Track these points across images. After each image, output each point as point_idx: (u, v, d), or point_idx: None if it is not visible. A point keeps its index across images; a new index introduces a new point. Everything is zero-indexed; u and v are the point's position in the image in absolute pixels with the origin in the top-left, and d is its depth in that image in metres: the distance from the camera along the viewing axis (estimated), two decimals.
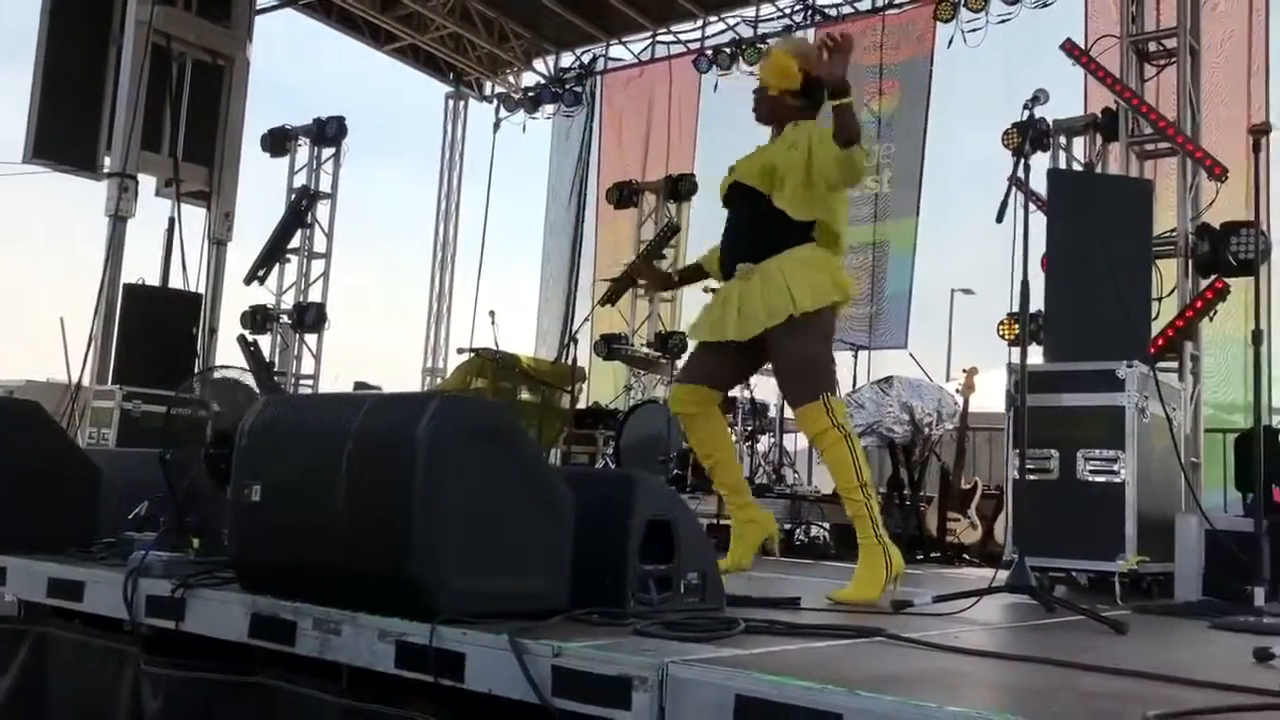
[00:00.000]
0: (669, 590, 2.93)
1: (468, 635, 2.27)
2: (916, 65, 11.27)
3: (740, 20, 12.67)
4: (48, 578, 3.17)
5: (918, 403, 7.15)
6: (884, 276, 11.00)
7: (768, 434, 8.45)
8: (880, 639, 2.66)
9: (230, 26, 10.62)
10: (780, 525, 7.05)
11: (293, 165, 11.47)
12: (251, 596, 2.67)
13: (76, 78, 10.03)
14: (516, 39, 14.04)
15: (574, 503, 2.72)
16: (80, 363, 8.99)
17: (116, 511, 3.86)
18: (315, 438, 2.62)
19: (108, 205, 9.63)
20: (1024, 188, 3.88)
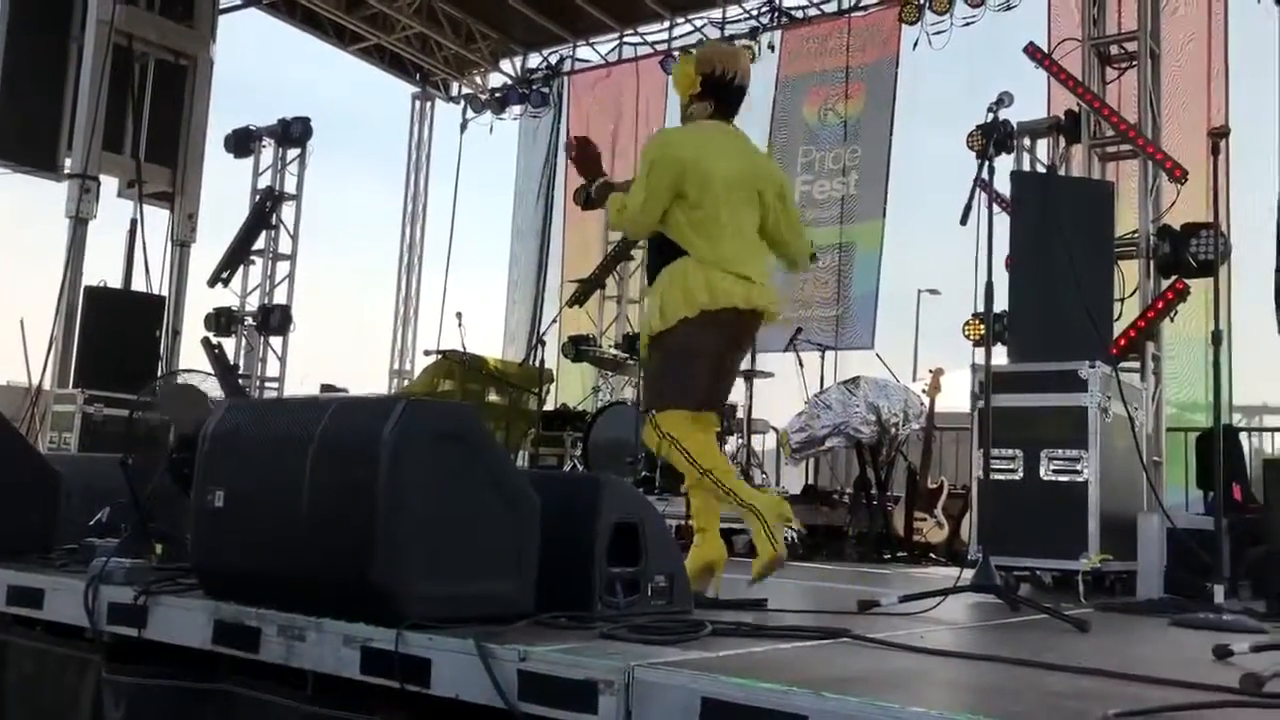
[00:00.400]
0: (636, 593, 2.93)
1: (434, 640, 2.26)
2: (882, 67, 11.33)
3: (706, 21, 12.68)
4: (6, 585, 3.12)
5: (884, 403, 7.20)
6: (850, 278, 11.05)
7: (735, 435, 8.46)
8: (846, 640, 2.67)
9: (193, 26, 10.53)
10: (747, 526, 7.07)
11: (257, 166, 11.37)
12: (215, 603, 2.64)
13: (36, 77, 9.89)
14: (483, 39, 13.99)
15: (540, 506, 2.71)
16: (41, 366, 8.88)
17: (78, 517, 3.81)
18: (279, 442, 2.60)
19: (68, 206, 9.51)
20: (988, 189, 3.91)
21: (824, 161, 11.50)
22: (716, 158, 3.73)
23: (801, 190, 11.48)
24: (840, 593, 4.57)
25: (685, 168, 3.65)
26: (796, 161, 11.60)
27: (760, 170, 3.88)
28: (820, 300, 11.06)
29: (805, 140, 11.69)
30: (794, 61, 12.02)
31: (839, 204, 11.24)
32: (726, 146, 3.83)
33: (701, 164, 3.68)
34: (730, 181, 3.71)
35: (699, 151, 3.72)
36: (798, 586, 4.92)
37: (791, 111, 11.85)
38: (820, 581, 5.26)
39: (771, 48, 12.07)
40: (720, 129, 3.86)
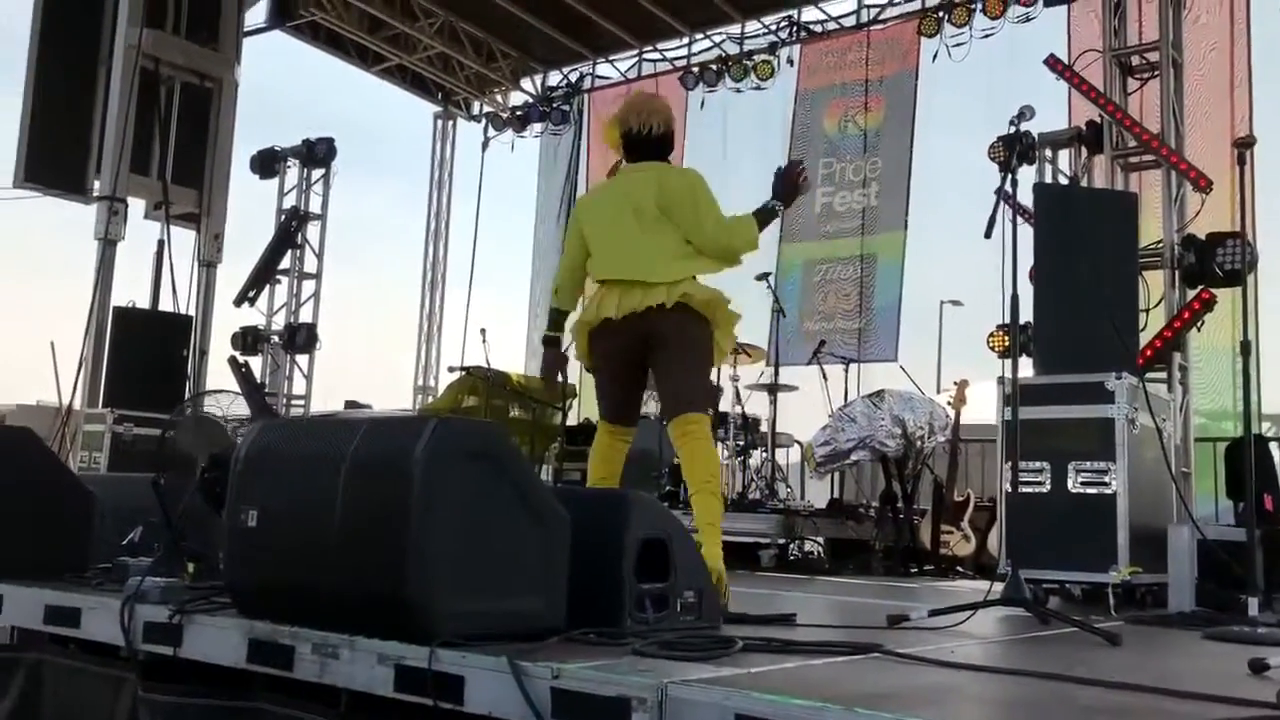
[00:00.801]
0: (665, 609, 2.94)
1: (466, 658, 2.27)
2: (901, 80, 11.35)
3: (725, 37, 12.73)
4: (44, 604, 3.16)
5: (909, 416, 7.18)
6: (872, 289, 11.04)
7: (759, 449, 8.47)
8: (877, 655, 2.67)
9: (218, 49, 10.65)
10: (773, 540, 7.07)
11: (282, 186, 11.47)
12: (249, 621, 2.67)
13: (66, 102, 10.03)
14: (504, 58, 14.08)
15: (570, 522, 2.73)
16: (71, 386, 8.97)
17: (110, 537, 3.85)
18: (312, 461, 2.63)
19: (97, 228, 9.62)
20: (1011, 201, 3.92)
21: (845, 173, 11.51)
22: (600, 200, 4.31)
23: (823, 202, 11.50)
24: (869, 607, 4.55)
25: (579, 222, 4.28)
26: (818, 174, 11.61)
27: (633, 188, 4.13)
28: (843, 313, 11.05)
29: (826, 153, 11.71)
30: (813, 75, 12.05)
31: (860, 215, 11.24)
32: (613, 184, 4.32)
33: (589, 211, 4.30)
34: (603, 210, 4.20)
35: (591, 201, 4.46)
36: (826, 601, 4.92)
37: (811, 124, 11.88)
38: (848, 596, 5.25)
39: (791, 62, 12.12)
40: (625, 171, 4.27)
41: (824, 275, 11.40)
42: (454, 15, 13.24)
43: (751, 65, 12.25)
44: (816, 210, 11.62)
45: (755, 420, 8.54)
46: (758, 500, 7.96)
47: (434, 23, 13.19)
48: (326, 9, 12.49)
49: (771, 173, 4.52)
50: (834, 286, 11.05)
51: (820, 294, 11.14)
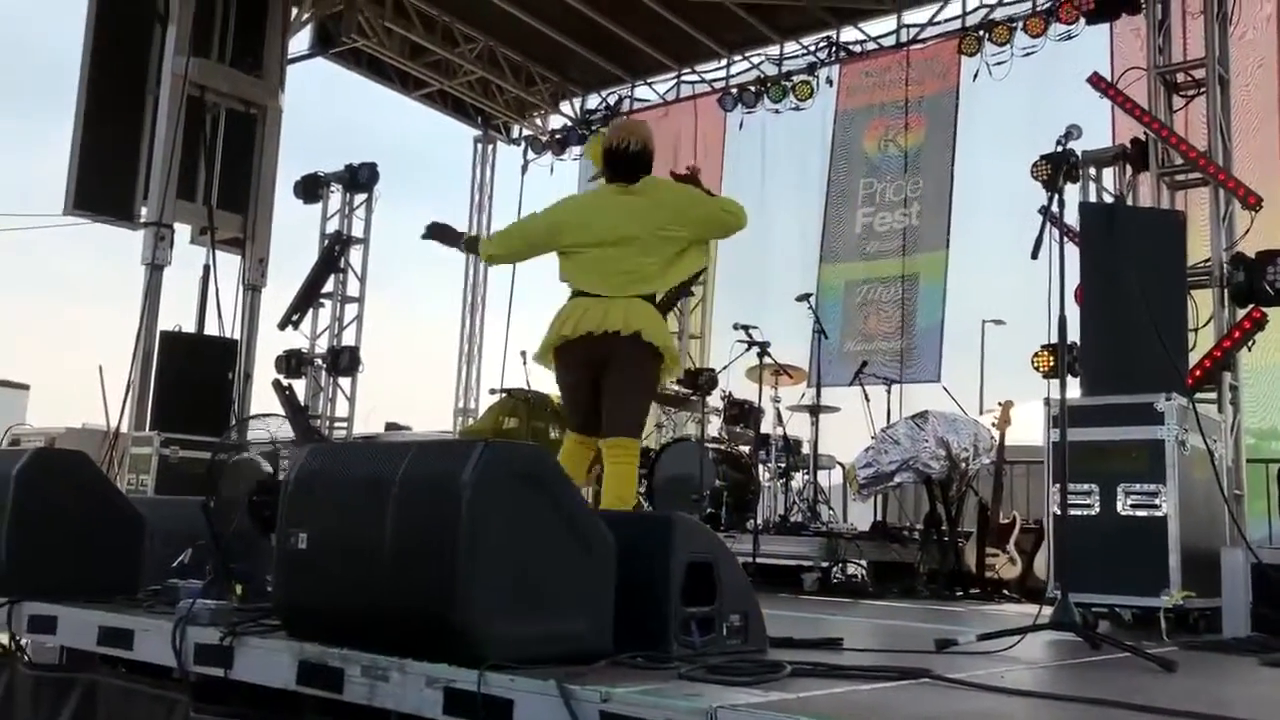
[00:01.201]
0: (711, 632, 2.92)
1: (515, 681, 2.28)
2: (942, 99, 11.32)
3: (764, 58, 12.77)
4: (98, 626, 3.20)
5: (953, 437, 7.11)
6: (914, 309, 10.98)
7: (801, 471, 8.42)
8: (926, 680, 2.64)
9: (262, 76, 10.81)
10: (816, 563, 7.02)
11: (325, 211, 11.61)
12: (299, 643, 2.69)
13: (114, 130, 10.22)
14: (543, 82, 14.20)
15: (615, 545, 2.73)
16: (119, 410, 9.10)
17: (160, 559, 3.90)
18: (360, 485, 2.65)
19: (144, 254, 9.78)
20: (1057, 222, 3.89)
21: (885, 193, 11.49)
22: (594, 214, 4.61)
23: (863, 223, 11.48)
24: (915, 631, 4.51)
25: (564, 224, 4.62)
26: (858, 194, 11.60)
27: (630, 214, 4.50)
28: (884, 333, 11.00)
29: (866, 173, 11.69)
30: (852, 95, 12.05)
31: (901, 235, 11.20)
32: (607, 202, 4.63)
33: (580, 216, 4.64)
34: (594, 226, 4.52)
35: (583, 209, 4.78)
36: (871, 625, 4.87)
37: (851, 144, 11.87)
38: (893, 620, 5.20)
39: (830, 82, 12.13)
40: (615, 191, 4.60)
41: (865, 296, 11.36)
42: (493, 40, 13.38)
43: (790, 86, 12.26)
44: (857, 231, 11.59)
45: (797, 442, 8.50)
46: (800, 523, 7.92)
47: (474, 48, 13.33)
48: (368, 36, 12.66)
49: (809, 192, 4.68)
50: (875, 307, 11.00)
51: (862, 315, 11.10)
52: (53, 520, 3.60)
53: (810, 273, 11.75)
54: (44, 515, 3.59)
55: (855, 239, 11.59)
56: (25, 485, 3.56)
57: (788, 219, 12.12)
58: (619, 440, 4.35)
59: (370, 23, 12.57)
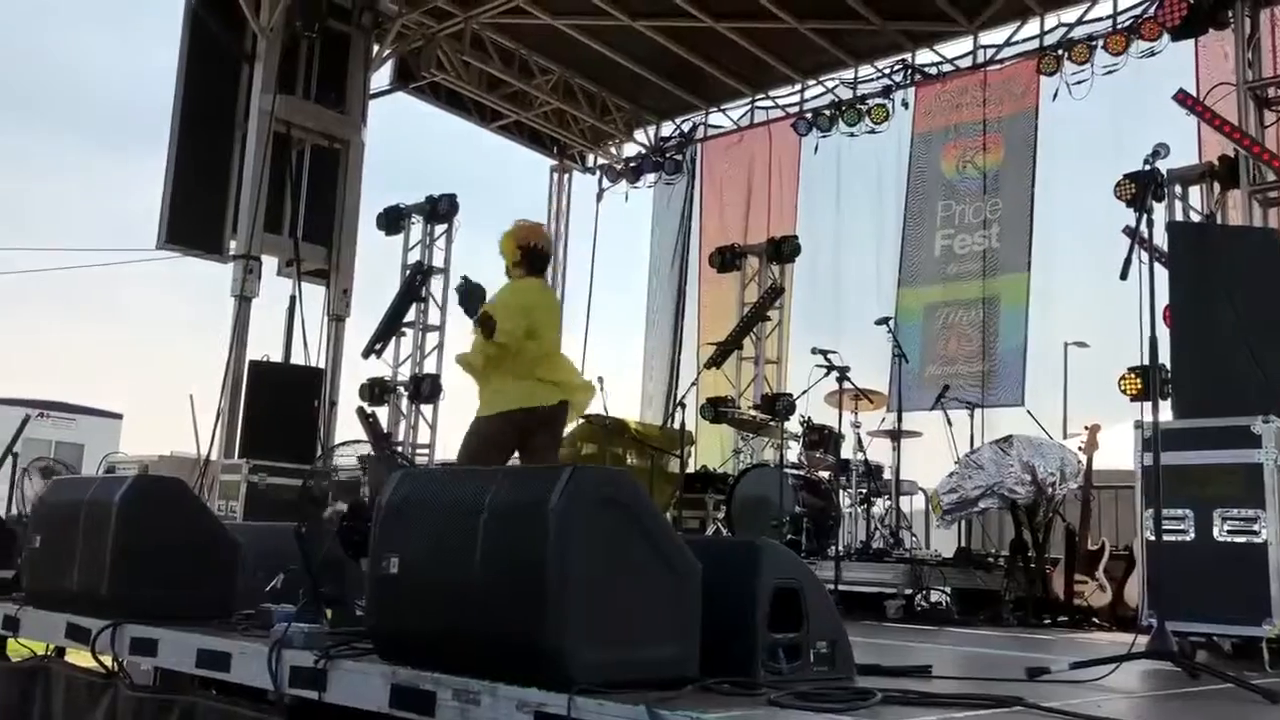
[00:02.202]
0: (798, 659, 2.90)
1: (604, 705, 2.29)
2: (1020, 120, 11.19)
3: (839, 82, 12.75)
4: (197, 649, 3.28)
5: (1039, 462, 6.98)
6: (996, 332, 10.82)
7: (883, 496, 8.33)
8: (1019, 708, 2.60)
9: (346, 112, 11.09)
10: (899, 590, 6.92)
11: (407, 242, 11.80)
12: (391, 667, 2.73)
13: (204, 166, 10.56)
14: (618, 111, 14.34)
15: (701, 570, 2.73)
16: (209, 437, 9.34)
17: (253, 583, 3.99)
18: (451, 510, 2.69)
19: (233, 286, 10.06)
20: (1146, 243, 3.82)
21: (964, 215, 11.37)
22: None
23: (942, 245, 11.37)
24: (1004, 659, 4.43)
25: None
26: (936, 215, 11.50)
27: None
28: (965, 356, 10.86)
29: (944, 195, 11.59)
30: (928, 117, 11.97)
31: (981, 258, 11.07)
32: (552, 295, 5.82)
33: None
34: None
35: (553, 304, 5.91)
36: (958, 653, 4.80)
37: (928, 166, 11.78)
38: (980, 647, 5.11)
39: (905, 105, 12.06)
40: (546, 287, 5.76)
41: (945, 319, 11.23)
42: (569, 71, 13.56)
43: (865, 109, 12.22)
44: (936, 253, 11.48)
45: (878, 467, 8.41)
46: (882, 549, 7.82)
47: (550, 79, 13.52)
48: (447, 70, 12.92)
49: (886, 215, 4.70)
50: (956, 330, 10.87)
51: (942, 338, 10.98)
52: (152, 545, 3.71)
53: (887, 296, 11.66)
54: (144, 540, 3.70)
55: (934, 261, 11.48)
56: (127, 511, 3.68)
57: (864, 242, 12.06)
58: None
59: (449, 57, 12.82)
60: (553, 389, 5.31)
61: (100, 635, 3.55)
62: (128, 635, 3.53)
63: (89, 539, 3.75)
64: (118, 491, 3.72)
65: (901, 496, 8.27)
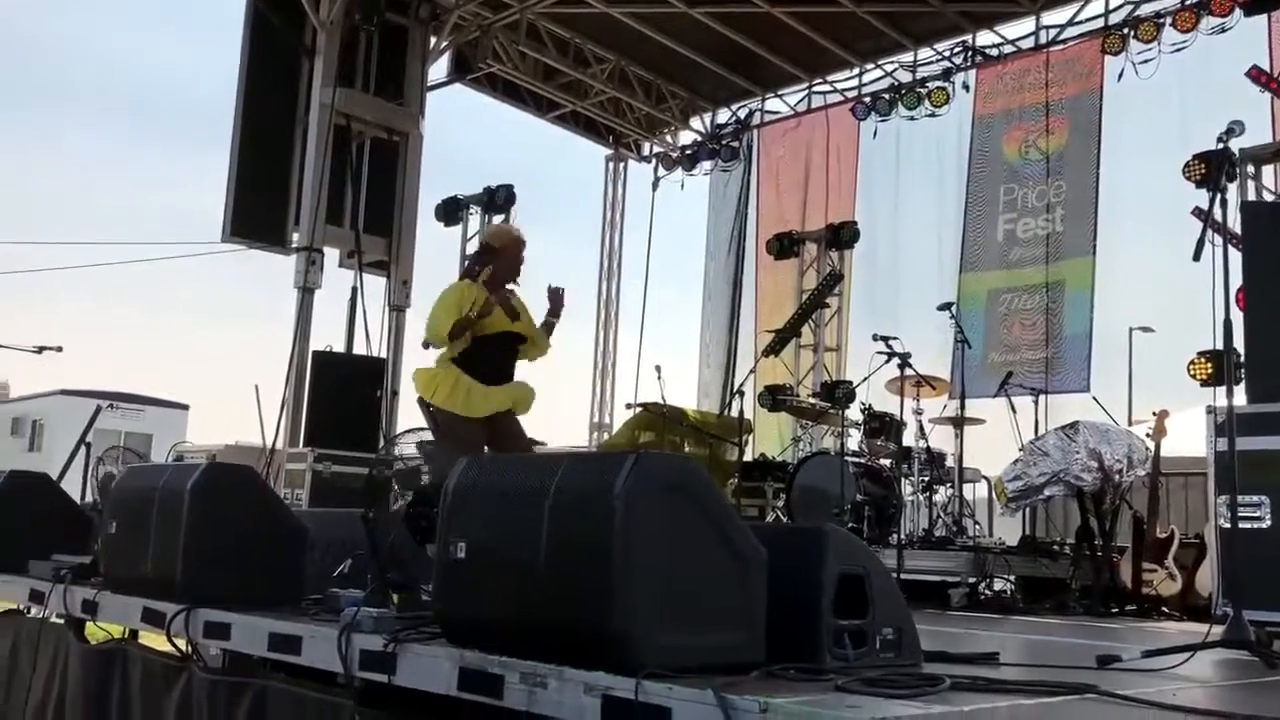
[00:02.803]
0: (864, 645, 2.88)
1: (673, 689, 2.29)
2: (1084, 100, 10.97)
3: (898, 65, 12.60)
4: (268, 632, 3.34)
5: (1106, 449, 6.86)
6: (1060, 318, 10.65)
7: (946, 484, 8.24)
8: (1091, 696, 2.56)
9: (404, 104, 11.19)
10: (963, 579, 6.86)
11: (465, 232, 11.88)
12: (459, 650, 2.75)
13: (267, 160, 10.71)
14: (673, 99, 14.30)
15: (766, 556, 2.72)
16: (274, 427, 9.49)
17: (320, 569, 4.05)
18: (517, 496, 2.71)
19: (296, 278, 10.20)
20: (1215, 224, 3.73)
21: (1027, 199, 11.19)
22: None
23: (1005, 230, 11.21)
24: (1072, 647, 4.37)
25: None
26: (998, 200, 11.33)
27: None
28: (1028, 343, 10.70)
29: (1006, 178, 11.41)
30: (990, 100, 11.80)
31: (1044, 242, 10.89)
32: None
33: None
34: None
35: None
36: (1024, 641, 4.74)
37: (990, 150, 11.60)
38: (1047, 636, 5.04)
39: (966, 87, 11.89)
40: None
41: (1008, 305, 11.07)
42: (624, 59, 13.55)
43: (925, 93, 12.07)
44: (999, 238, 11.32)
45: (940, 455, 8.32)
46: (945, 538, 7.75)
47: (605, 68, 13.53)
48: (503, 60, 12.98)
49: (946, 199, 4.57)
50: (1019, 316, 10.72)
51: (1005, 324, 10.83)
52: (223, 531, 3.78)
53: (948, 282, 11.52)
54: (216, 526, 3.77)
55: (997, 246, 11.32)
56: (199, 498, 3.75)
57: (924, 228, 11.92)
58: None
59: (505, 47, 12.88)
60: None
61: (175, 619, 3.63)
62: (201, 619, 3.60)
63: (163, 525, 3.83)
64: (190, 479, 3.79)
65: (964, 484, 8.17)
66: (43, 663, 4.47)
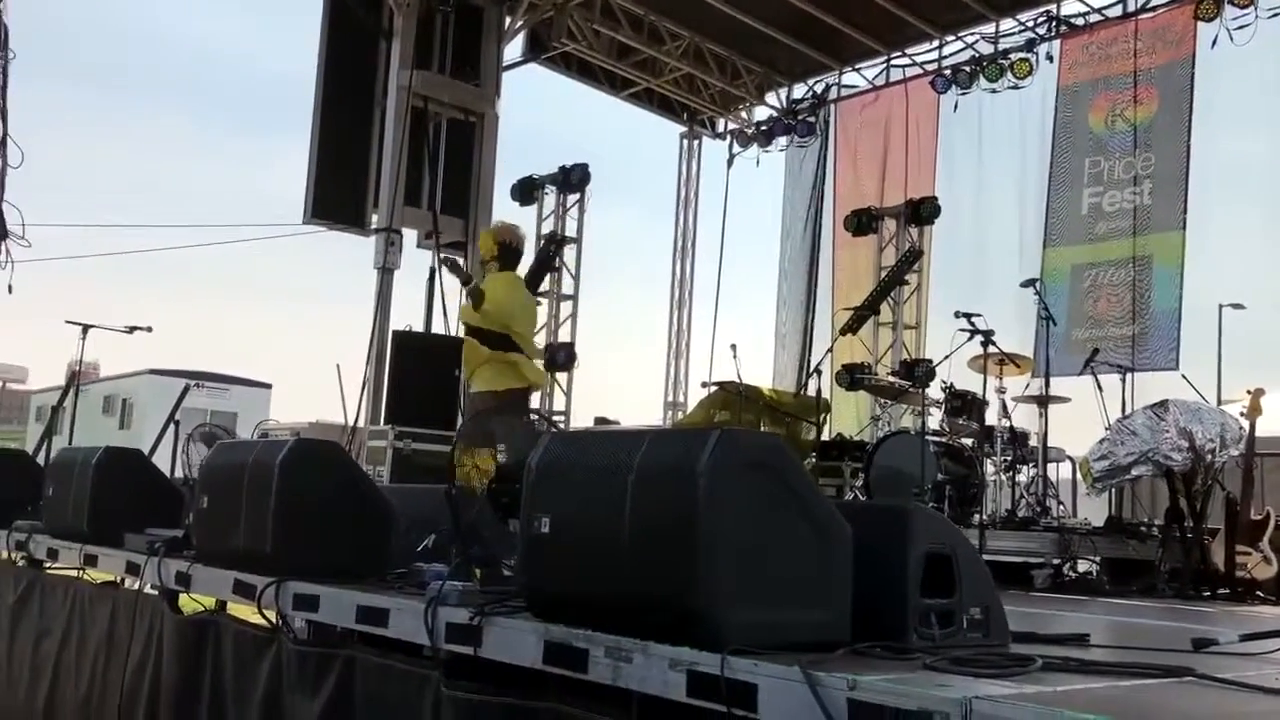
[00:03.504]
0: (951, 625, 2.84)
1: (759, 666, 2.28)
2: (1175, 69, 10.64)
3: (979, 37, 12.35)
4: (356, 605, 3.40)
5: (1198, 427, 6.65)
6: (1148, 293, 10.38)
7: (1029, 464, 8.09)
8: (1189, 679, 2.49)
9: (480, 85, 11.27)
10: (1047, 560, 6.73)
11: (540, 212, 11.98)
12: (544, 624, 2.77)
13: (346, 143, 10.88)
14: (748, 74, 14.19)
15: (851, 534, 2.69)
16: (355, 405, 9.66)
17: (405, 544, 4.11)
18: (600, 471, 2.71)
19: (376, 259, 10.36)
20: None
21: (1114, 171, 10.90)
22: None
23: (1090, 203, 10.94)
24: (1163, 630, 4.26)
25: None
26: (1083, 173, 11.06)
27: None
28: (1114, 318, 10.45)
29: (1092, 150, 11.13)
30: (1075, 70, 11.50)
31: (1131, 215, 10.60)
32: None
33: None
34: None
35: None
36: (1112, 623, 4.64)
37: (1075, 121, 11.32)
38: (1136, 618, 4.93)
39: (1050, 58, 11.61)
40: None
41: (1094, 279, 10.82)
42: (699, 36, 13.47)
43: (1008, 64, 11.82)
44: (1084, 211, 11.05)
45: (1024, 434, 8.17)
46: (1028, 518, 7.61)
47: (680, 44, 13.46)
48: (577, 39, 12.99)
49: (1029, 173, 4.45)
50: (1105, 291, 10.47)
51: (1090, 299, 10.59)
52: (311, 506, 3.84)
53: (1030, 257, 11.29)
54: (304, 501, 3.84)
55: (1081, 220, 11.06)
56: (287, 473, 3.82)
57: (1006, 202, 11.69)
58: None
59: (579, 26, 12.88)
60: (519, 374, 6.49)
61: (265, 591, 3.71)
62: (291, 591, 3.68)
63: (252, 499, 3.91)
64: (279, 454, 3.86)
65: (1048, 464, 8.01)
66: (139, 632, 4.61)
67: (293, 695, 3.62)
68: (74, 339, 8.47)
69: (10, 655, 5.75)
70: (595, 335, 20.62)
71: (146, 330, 9.08)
